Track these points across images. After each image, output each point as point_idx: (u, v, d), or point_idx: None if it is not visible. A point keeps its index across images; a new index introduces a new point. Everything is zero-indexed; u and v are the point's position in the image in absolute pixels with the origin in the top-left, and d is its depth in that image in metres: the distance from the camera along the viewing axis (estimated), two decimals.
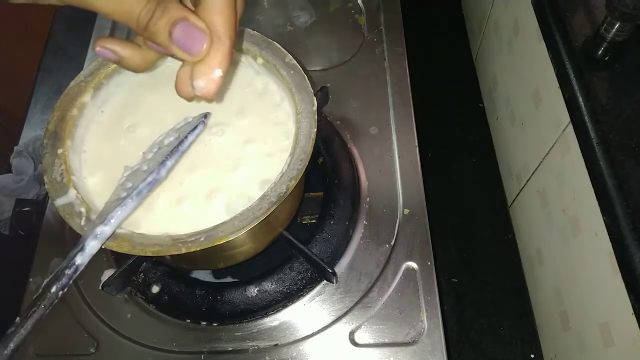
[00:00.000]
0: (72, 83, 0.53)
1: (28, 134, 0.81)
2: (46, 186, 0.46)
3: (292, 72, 0.52)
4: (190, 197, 0.49)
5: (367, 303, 0.60)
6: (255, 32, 0.54)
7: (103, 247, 0.43)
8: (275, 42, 0.53)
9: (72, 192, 0.46)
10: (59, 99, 0.51)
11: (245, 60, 0.55)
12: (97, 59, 0.54)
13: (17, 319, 0.37)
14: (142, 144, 0.51)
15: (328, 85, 0.71)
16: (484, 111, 0.91)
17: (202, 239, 0.43)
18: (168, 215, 0.48)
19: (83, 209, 0.45)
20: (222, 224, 0.44)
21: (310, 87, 0.50)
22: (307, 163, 0.46)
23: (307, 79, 0.51)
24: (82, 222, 0.44)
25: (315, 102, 0.50)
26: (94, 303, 0.61)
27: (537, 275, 0.71)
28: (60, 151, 0.48)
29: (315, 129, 0.48)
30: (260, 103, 0.55)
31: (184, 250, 0.42)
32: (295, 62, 0.52)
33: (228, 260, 0.57)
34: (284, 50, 0.53)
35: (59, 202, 0.45)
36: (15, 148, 0.79)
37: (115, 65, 0.54)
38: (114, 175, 0.50)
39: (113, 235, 0.43)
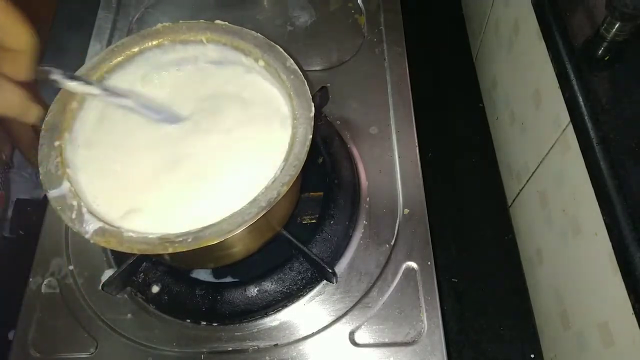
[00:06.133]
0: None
1: None
2: (41, 177, 0.46)
3: (292, 76, 0.51)
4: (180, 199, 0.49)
5: (367, 303, 0.60)
6: (258, 34, 0.54)
7: (92, 242, 0.43)
8: (278, 46, 0.53)
9: (65, 185, 0.46)
10: (60, 91, 0.51)
11: (247, 62, 0.55)
12: (100, 53, 0.54)
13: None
14: (141, 141, 0.51)
15: (328, 85, 0.71)
16: (484, 111, 0.91)
17: (189, 239, 0.43)
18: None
19: (75, 203, 0.45)
20: (211, 226, 0.44)
21: (309, 93, 0.50)
22: (300, 169, 0.46)
23: (306, 84, 0.51)
24: (74, 216, 0.44)
25: (313, 108, 0.49)
26: (94, 303, 0.61)
27: (537, 275, 0.71)
28: (57, 143, 0.48)
29: (311, 136, 0.47)
30: (259, 106, 0.55)
31: (170, 250, 0.42)
32: (296, 67, 0.52)
33: (222, 260, 0.57)
34: (285, 54, 0.53)
35: (52, 194, 0.46)
36: None
37: (118, 59, 0.54)
38: (111, 169, 0.50)
39: (102, 231, 0.44)
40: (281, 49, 0.53)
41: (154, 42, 0.55)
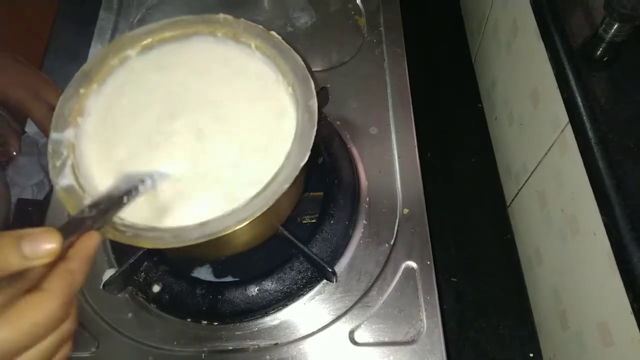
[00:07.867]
0: (128, 34, 0.54)
1: (31, 134, 0.81)
2: (53, 118, 0.48)
3: (307, 116, 0.50)
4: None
5: (367, 302, 0.60)
6: (301, 62, 0.53)
7: (57, 195, 0.44)
8: (312, 81, 0.52)
9: (69, 132, 0.47)
10: (108, 44, 0.53)
11: (282, 82, 0.54)
12: (160, 21, 0.55)
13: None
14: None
15: (328, 85, 0.71)
16: (482, 111, 0.91)
17: (128, 233, 0.43)
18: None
19: (65, 152, 0.46)
20: (157, 229, 0.44)
21: (312, 142, 0.48)
22: (265, 209, 0.44)
23: (315, 130, 0.49)
24: (58, 164, 0.45)
25: (307, 158, 0.47)
26: (95, 302, 0.61)
27: (536, 275, 0.71)
28: (82, 91, 0.49)
29: (287, 185, 0.45)
30: (272, 124, 0.53)
31: (109, 236, 0.42)
32: (315, 108, 0.50)
33: (218, 254, 0.58)
34: (313, 91, 0.51)
35: (54, 136, 0.47)
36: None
37: (174, 33, 0.55)
38: (118, 137, 0.50)
39: (70, 188, 0.44)
40: (313, 85, 0.51)
41: (210, 29, 0.55)
